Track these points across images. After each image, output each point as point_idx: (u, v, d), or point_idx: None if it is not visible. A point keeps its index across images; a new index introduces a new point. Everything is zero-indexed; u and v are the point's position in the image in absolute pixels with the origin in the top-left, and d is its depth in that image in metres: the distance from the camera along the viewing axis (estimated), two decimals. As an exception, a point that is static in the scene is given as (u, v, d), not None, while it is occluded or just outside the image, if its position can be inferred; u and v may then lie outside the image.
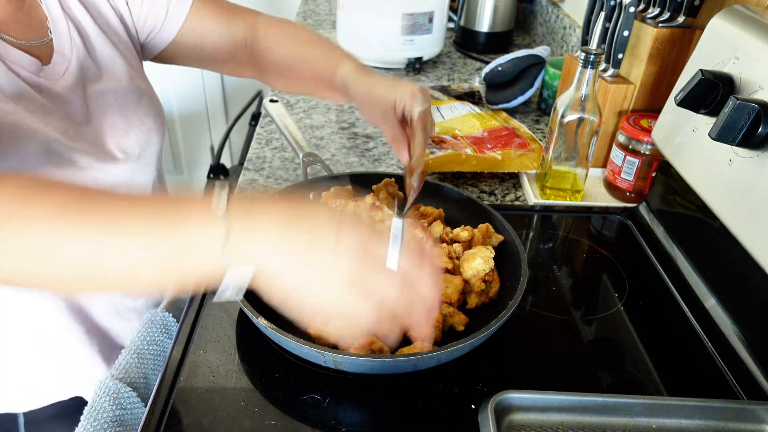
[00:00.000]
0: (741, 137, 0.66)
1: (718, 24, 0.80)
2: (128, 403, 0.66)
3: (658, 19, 0.98)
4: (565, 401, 0.62)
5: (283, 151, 1.17)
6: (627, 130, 0.97)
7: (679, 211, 0.89)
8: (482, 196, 1.05)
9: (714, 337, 0.75)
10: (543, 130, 1.29)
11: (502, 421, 0.61)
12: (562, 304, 0.81)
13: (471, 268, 0.75)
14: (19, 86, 0.68)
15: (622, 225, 0.98)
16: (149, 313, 0.77)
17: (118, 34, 0.84)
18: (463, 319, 0.72)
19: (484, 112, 1.30)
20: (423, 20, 1.48)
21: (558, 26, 1.63)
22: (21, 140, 0.66)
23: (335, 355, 0.62)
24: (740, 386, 0.69)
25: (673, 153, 0.85)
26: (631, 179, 1.00)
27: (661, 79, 1.00)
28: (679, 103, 0.76)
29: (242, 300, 0.66)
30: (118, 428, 0.63)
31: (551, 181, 1.01)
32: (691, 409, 0.62)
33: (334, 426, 0.62)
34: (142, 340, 0.73)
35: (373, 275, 0.47)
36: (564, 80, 1.18)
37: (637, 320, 0.78)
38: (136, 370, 0.70)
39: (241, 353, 0.70)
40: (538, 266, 0.88)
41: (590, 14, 1.09)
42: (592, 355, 0.73)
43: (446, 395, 0.66)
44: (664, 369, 0.71)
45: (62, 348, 0.81)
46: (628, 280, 0.85)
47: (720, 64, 0.77)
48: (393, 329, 0.50)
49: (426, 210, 0.88)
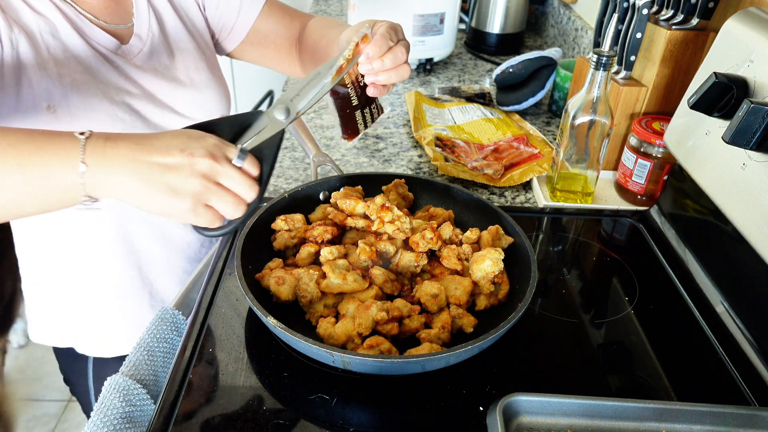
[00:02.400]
0: (755, 141, 0.65)
1: (733, 26, 0.79)
2: (138, 400, 0.66)
3: (671, 21, 0.98)
4: (574, 405, 0.62)
5: (293, 151, 1.18)
6: (639, 133, 0.97)
7: (690, 215, 0.89)
8: (492, 198, 1.05)
9: (725, 342, 0.74)
10: (554, 132, 1.28)
11: (511, 424, 0.61)
12: (572, 307, 0.80)
13: (480, 269, 0.75)
14: (96, 60, 0.80)
15: (632, 228, 0.98)
16: (160, 311, 0.78)
17: (197, 27, 0.95)
18: (472, 321, 0.72)
19: (495, 117, 1.30)
20: (434, 21, 1.48)
21: (570, 28, 1.63)
22: (90, 108, 0.77)
23: (344, 356, 0.62)
24: (751, 392, 0.68)
25: (686, 156, 0.85)
26: (642, 182, 0.99)
27: (674, 81, 0.99)
28: (692, 106, 0.76)
29: (252, 299, 0.66)
30: (128, 425, 0.64)
31: (562, 183, 1.01)
32: (701, 414, 0.61)
33: (342, 426, 0.62)
34: (153, 338, 0.74)
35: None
36: (575, 82, 1.17)
37: (647, 324, 0.77)
38: (145, 368, 0.71)
39: (250, 352, 0.70)
40: (548, 269, 0.88)
41: (603, 16, 1.08)
42: (602, 358, 0.73)
43: (454, 397, 0.66)
44: (675, 373, 0.71)
45: (131, 309, 0.95)
46: (639, 284, 0.85)
47: (734, 67, 0.76)
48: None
49: (436, 211, 0.88)
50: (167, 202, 0.56)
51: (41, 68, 0.74)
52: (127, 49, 0.84)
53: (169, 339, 0.76)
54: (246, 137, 0.63)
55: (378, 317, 0.68)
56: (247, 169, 0.60)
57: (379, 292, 0.74)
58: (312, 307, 0.74)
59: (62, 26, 0.77)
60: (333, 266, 0.73)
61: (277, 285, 0.72)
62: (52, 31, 0.76)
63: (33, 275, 0.95)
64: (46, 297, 0.96)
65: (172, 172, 0.55)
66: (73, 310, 0.95)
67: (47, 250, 0.90)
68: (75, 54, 0.78)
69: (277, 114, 0.64)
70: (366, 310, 0.68)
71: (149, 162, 0.55)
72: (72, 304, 0.95)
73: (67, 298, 0.94)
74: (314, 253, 0.79)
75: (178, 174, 0.55)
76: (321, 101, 0.70)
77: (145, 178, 0.55)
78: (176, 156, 0.55)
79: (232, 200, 0.59)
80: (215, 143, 0.58)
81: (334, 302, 0.74)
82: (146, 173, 0.55)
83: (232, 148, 0.60)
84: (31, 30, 0.74)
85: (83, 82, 0.77)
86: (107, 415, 0.63)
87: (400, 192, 0.89)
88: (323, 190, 0.90)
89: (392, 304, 0.71)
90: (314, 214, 0.87)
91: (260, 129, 0.63)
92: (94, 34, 0.80)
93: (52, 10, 0.76)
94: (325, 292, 0.73)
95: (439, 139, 1.19)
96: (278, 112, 0.64)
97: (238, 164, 0.59)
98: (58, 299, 0.95)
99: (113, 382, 0.66)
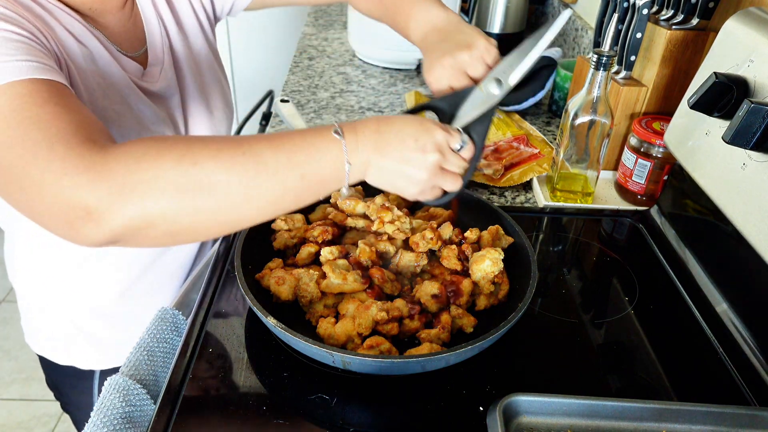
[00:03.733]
0: (755, 141, 0.65)
1: (733, 26, 0.79)
2: (137, 400, 0.66)
3: (671, 21, 0.97)
4: (574, 405, 0.62)
5: (293, 150, 1.17)
6: (639, 133, 0.97)
7: (691, 215, 0.89)
8: (492, 198, 1.05)
9: (725, 342, 0.74)
10: (554, 132, 1.28)
11: (511, 424, 0.61)
12: (572, 307, 0.80)
13: (480, 270, 0.75)
14: (129, 89, 0.79)
15: (632, 228, 0.97)
16: (159, 311, 0.78)
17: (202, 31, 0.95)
18: (472, 321, 0.72)
19: (495, 117, 1.30)
20: (434, 21, 1.48)
21: (570, 28, 1.63)
22: (127, 133, 0.77)
23: (344, 355, 0.62)
24: (751, 392, 0.68)
25: (686, 156, 0.85)
26: (642, 182, 0.99)
27: (674, 81, 0.99)
28: (692, 106, 0.76)
29: (252, 299, 0.66)
30: (128, 425, 0.64)
31: (562, 183, 1.01)
32: (701, 414, 0.61)
33: (342, 426, 0.62)
34: (152, 338, 0.74)
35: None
36: (575, 82, 1.17)
37: (647, 324, 0.77)
38: (145, 368, 0.71)
39: (250, 352, 0.70)
40: (548, 269, 0.88)
41: (603, 16, 1.08)
42: (602, 358, 0.73)
43: (454, 397, 0.66)
44: (675, 374, 0.71)
45: (137, 317, 0.91)
46: (639, 284, 0.85)
47: (734, 67, 0.76)
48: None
49: (436, 211, 0.88)
50: (401, 186, 0.64)
51: (90, 100, 0.73)
52: (149, 72, 0.84)
53: (169, 339, 0.76)
54: (462, 112, 0.69)
55: (378, 317, 0.68)
56: (468, 148, 0.67)
57: (379, 292, 0.74)
58: (312, 307, 0.74)
59: (100, 55, 0.75)
60: (333, 266, 0.73)
61: (277, 285, 0.72)
62: (93, 60, 0.75)
63: (29, 293, 0.93)
64: (42, 317, 0.93)
65: (407, 165, 0.62)
66: (71, 326, 0.93)
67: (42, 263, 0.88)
68: (114, 83, 0.77)
69: (492, 88, 0.69)
70: (366, 310, 0.69)
71: (389, 155, 0.61)
72: (70, 320, 0.92)
73: (64, 315, 0.92)
74: (314, 253, 0.79)
75: (412, 166, 0.62)
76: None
77: (383, 168, 0.62)
78: (411, 148, 0.61)
79: (452, 179, 0.65)
80: (443, 135, 0.63)
81: (334, 302, 0.74)
82: (386, 167, 0.62)
83: (455, 136, 0.65)
84: (78, 63, 0.72)
85: (122, 113, 0.77)
86: (107, 415, 0.63)
87: (400, 192, 0.89)
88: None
89: (392, 304, 0.71)
90: (314, 214, 0.87)
91: (475, 104, 0.68)
92: (122, 61, 0.79)
93: (91, 39, 0.74)
94: (325, 292, 0.73)
95: (439, 139, 1.19)
96: (492, 86, 0.68)
97: (462, 144, 0.66)
98: (55, 319, 0.92)
99: (113, 382, 0.66)
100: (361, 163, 0.60)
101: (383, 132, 0.62)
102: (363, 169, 0.61)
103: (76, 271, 0.88)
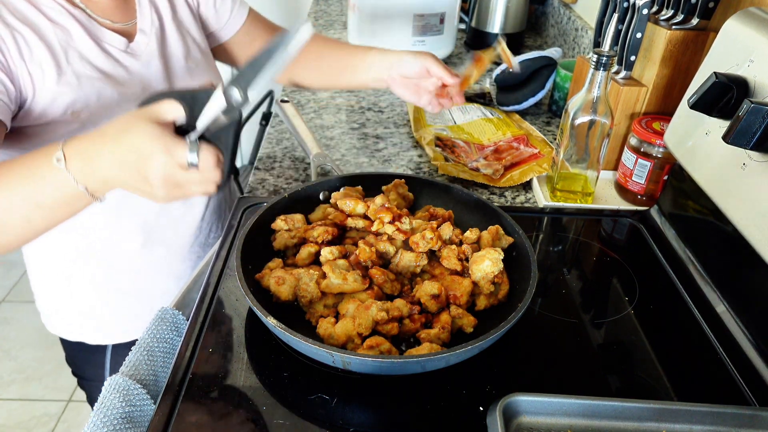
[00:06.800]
0: (755, 141, 0.65)
1: (733, 26, 0.79)
2: (137, 399, 0.66)
3: (671, 21, 0.98)
4: (574, 405, 0.62)
5: (293, 150, 1.17)
6: (639, 133, 0.97)
7: (690, 215, 0.89)
8: (492, 198, 1.05)
9: (725, 342, 0.74)
10: (554, 132, 1.28)
11: (511, 424, 0.61)
12: (572, 307, 0.80)
13: (480, 270, 0.75)
14: (108, 62, 0.82)
15: (632, 228, 0.97)
16: (159, 311, 0.78)
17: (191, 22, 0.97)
18: (472, 321, 0.72)
19: (495, 117, 1.30)
20: (434, 21, 1.48)
21: (570, 28, 1.63)
22: (111, 112, 0.80)
23: (344, 356, 0.62)
24: (751, 392, 0.68)
25: (686, 156, 0.85)
26: (642, 182, 0.99)
27: (674, 81, 0.99)
28: (692, 105, 0.76)
29: (252, 299, 0.66)
30: (127, 425, 0.64)
31: (562, 183, 1.01)
32: (701, 414, 0.61)
33: (342, 426, 0.62)
34: (152, 338, 0.74)
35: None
36: (575, 82, 1.17)
37: (647, 324, 0.77)
38: (145, 368, 0.71)
39: (250, 352, 0.70)
40: (548, 269, 0.88)
41: (603, 16, 1.08)
42: (602, 358, 0.73)
43: (454, 397, 0.66)
44: (675, 374, 0.71)
45: (148, 293, 1.00)
46: (639, 284, 0.85)
47: (734, 67, 0.76)
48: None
49: (436, 211, 0.88)
50: (150, 198, 0.63)
51: (61, 78, 0.77)
52: (135, 46, 0.86)
53: (169, 339, 0.75)
54: (204, 115, 0.60)
55: (378, 317, 0.68)
56: (204, 161, 0.60)
57: (378, 292, 0.74)
58: (312, 307, 0.74)
59: (76, 33, 0.79)
60: (333, 266, 0.73)
61: (277, 285, 0.72)
62: (68, 39, 0.78)
63: (39, 268, 0.97)
64: (54, 291, 0.99)
65: (140, 191, 0.61)
66: (84, 301, 0.98)
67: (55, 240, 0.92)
68: (90, 60, 0.80)
69: (235, 95, 0.59)
70: (366, 310, 0.69)
71: (122, 183, 0.61)
72: (83, 295, 0.98)
73: (76, 289, 0.97)
74: (314, 253, 0.79)
75: (144, 192, 0.62)
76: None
77: (126, 186, 0.62)
78: (136, 179, 0.60)
79: (199, 191, 0.63)
80: (163, 161, 0.58)
81: (334, 302, 0.74)
82: (128, 185, 0.62)
83: (181, 150, 0.58)
84: (50, 42, 0.76)
85: (101, 87, 0.80)
86: (107, 415, 0.63)
87: (400, 192, 0.89)
88: (323, 190, 0.90)
89: (392, 304, 0.71)
90: (314, 215, 0.87)
91: (213, 108, 0.59)
92: (104, 36, 0.82)
93: (66, 17, 0.78)
94: (325, 292, 0.73)
95: (439, 139, 1.19)
96: (235, 93, 0.59)
97: (193, 161, 0.59)
98: (67, 292, 0.98)
99: (113, 382, 0.66)
100: (102, 182, 0.62)
101: (104, 160, 0.60)
102: (106, 187, 0.62)
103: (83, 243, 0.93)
